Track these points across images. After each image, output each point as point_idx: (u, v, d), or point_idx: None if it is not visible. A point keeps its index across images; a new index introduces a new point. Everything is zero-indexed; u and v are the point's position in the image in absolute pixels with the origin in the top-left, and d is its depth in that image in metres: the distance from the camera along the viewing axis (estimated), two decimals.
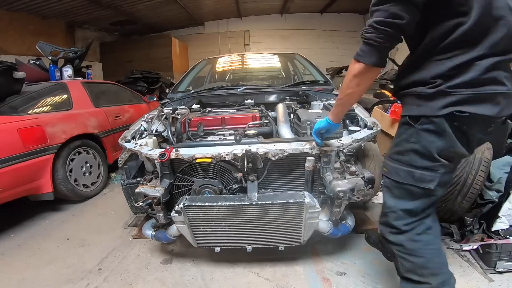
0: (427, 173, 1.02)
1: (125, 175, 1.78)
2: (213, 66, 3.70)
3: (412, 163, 1.04)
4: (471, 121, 0.95)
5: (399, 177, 1.07)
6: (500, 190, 1.75)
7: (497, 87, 0.93)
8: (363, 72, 1.00)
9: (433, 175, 1.02)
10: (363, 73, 1.00)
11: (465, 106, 0.92)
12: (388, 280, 1.50)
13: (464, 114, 0.92)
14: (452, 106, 0.93)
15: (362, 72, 1.00)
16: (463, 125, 0.96)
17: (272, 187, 1.61)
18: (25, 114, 2.35)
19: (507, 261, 1.47)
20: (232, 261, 1.71)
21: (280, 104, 2.03)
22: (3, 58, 4.22)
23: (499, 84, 0.93)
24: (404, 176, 1.06)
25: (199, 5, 7.30)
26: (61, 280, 1.65)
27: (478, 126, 0.98)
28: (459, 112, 0.92)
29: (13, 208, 2.47)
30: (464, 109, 0.92)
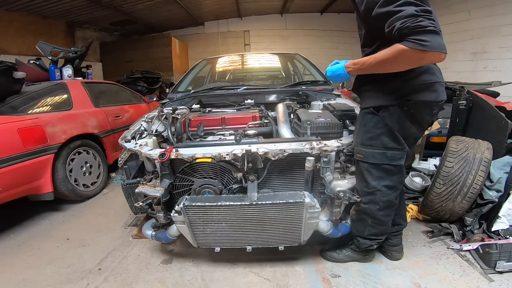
0: (396, 152, 1.29)
1: (125, 175, 1.78)
2: (213, 66, 3.70)
3: (384, 145, 1.29)
4: (417, 106, 1.22)
5: (375, 159, 1.31)
6: (500, 190, 1.75)
7: (431, 77, 1.20)
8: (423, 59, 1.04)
9: (401, 153, 1.30)
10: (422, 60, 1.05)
11: (411, 95, 1.20)
12: (388, 280, 1.50)
13: (410, 101, 1.20)
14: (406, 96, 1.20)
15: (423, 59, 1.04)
16: (411, 110, 1.22)
17: (272, 187, 1.61)
18: (25, 114, 2.35)
19: (507, 261, 1.47)
20: (232, 261, 1.70)
21: (280, 104, 2.03)
22: (3, 58, 4.22)
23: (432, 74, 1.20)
24: (379, 157, 1.30)
25: (199, 5, 7.29)
26: (61, 280, 1.65)
27: (423, 109, 1.25)
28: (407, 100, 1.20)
29: (13, 208, 2.47)
30: (410, 97, 1.20)
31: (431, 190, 1.78)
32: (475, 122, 2.26)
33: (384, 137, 1.28)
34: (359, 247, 1.58)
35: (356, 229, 1.55)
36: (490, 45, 4.57)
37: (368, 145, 1.33)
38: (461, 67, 4.97)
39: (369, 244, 1.54)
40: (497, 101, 2.48)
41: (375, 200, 1.40)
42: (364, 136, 1.34)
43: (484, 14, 4.62)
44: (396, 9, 1.00)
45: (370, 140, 1.32)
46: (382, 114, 1.26)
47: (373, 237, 1.52)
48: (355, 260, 1.64)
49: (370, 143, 1.32)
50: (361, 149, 1.35)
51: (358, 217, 1.52)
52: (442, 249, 1.73)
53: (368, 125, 1.31)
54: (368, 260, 1.64)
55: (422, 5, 1.00)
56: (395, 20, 1.00)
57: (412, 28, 0.97)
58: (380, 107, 1.26)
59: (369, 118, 1.31)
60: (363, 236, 1.53)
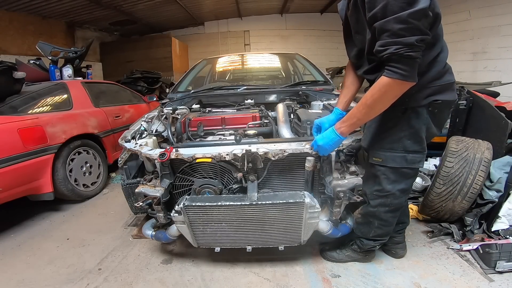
0: (417, 156, 1.26)
1: (125, 175, 1.78)
2: (213, 66, 3.70)
3: (405, 149, 1.24)
4: (442, 106, 1.21)
5: (395, 163, 1.27)
6: (500, 190, 1.75)
7: (451, 77, 1.20)
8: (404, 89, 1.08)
9: (421, 156, 1.27)
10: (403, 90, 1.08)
11: (438, 95, 1.18)
12: (388, 280, 1.50)
13: (438, 102, 1.19)
14: (431, 96, 1.17)
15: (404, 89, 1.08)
16: (435, 110, 1.21)
17: (272, 187, 1.61)
18: (25, 114, 2.35)
19: (507, 261, 1.47)
20: (232, 261, 1.70)
21: (280, 104, 2.03)
22: (3, 58, 4.22)
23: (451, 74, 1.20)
24: (400, 161, 1.26)
25: (199, 5, 7.30)
26: (61, 280, 1.65)
27: (445, 109, 1.26)
28: (435, 100, 1.18)
29: (13, 208, 2.47)
30: (438, 98, 1.18)
31: (431, 190, 1.78)
32: (475, 122, 2.26)
33: (406, 140, 1.23)
34: (362, 248, 1.58)
35: (361, 231, 1.54)
36: (490, 45, 4.57)
37: (388, 149, 1.26)
38: (461, 67, 4.97)
39: (373, 245, 1.55)
40: (497, 101, 2.48)
41: (386, 203, 1.38)
42: (385, 139, 1.27)
43: (484, 14, 4.63)
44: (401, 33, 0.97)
45: (391, 143, 1.26)
46: (408, 116, 1.21)
47: (378, 238, 1.52)
48: (355, 260, 1.64)
49: (391, 146, 1.26)
50: (380, 152, 1.29)
51: (364, 220, 1.51)
52: (442, 249, 1.73)
53: (391, 127, 1.25)
54: (368, 260, 1.64)
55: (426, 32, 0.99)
56: (392, 44, 0.99)
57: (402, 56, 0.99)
58: (407, 108, 1.20)
59: (393, 120, 1.24)
60: (368, 237, 1.53)
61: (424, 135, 1.24)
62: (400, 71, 1.01)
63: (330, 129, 1.29)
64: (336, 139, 1.27)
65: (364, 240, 1.55)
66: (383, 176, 1.32)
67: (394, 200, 1.37)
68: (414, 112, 1.20)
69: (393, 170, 1.29)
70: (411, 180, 1.36)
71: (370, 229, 1.50)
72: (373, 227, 1.48)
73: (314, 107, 2.05)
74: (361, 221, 1.53)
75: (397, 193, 1.34)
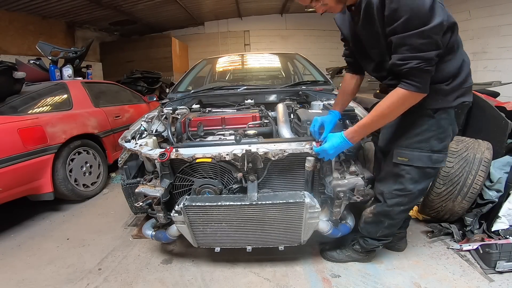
0: (440, 155, 1.28)
1: (125, 175, 1.78)
2: (213, 66, 3.70)
3: (431, 148, 1.26)
4: (465, 107, 1.27)
5: (422, 162, 1.27)
6: (500, 190, 1.75)
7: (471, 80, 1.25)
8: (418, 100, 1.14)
9: (444, 155, 1.30)
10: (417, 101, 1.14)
11: (465, 97, 1.22)
12: (388, 280, 1.50)
13: (466, 103, 1.23)
14: (460, 98, 1.21)
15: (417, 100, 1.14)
16: (459, 111, 1.26)
17: (272, 187, 1.60)
18: (25, 114, 2.35)
19: (507, 261, 1.47)
20: (232, 261, 1.70)
21: (280, 104, 2.03)
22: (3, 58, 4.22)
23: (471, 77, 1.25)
24: (426, 160, 1.27)
25: (199, 5, 7.30)
26: (61, 280, 1.65)
27: (465, 110, 1.30)
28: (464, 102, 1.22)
29: (13, 208, 2.47)
30: (465, 99, 1.22)
31: (431, 190, 1.78)
32: (475, 122, 2.26)
33: (433, 140, 1.25)
34: (364, 247, 1.58)
35: (367, 231, 1.53)
36: (490, 45, 4.57)
37: (416, 148, 1.27)
38: None
39: (377, 245, 1.55)
40: (497, 101, 2.47)
41: (403, 202, 1.37)
42: (414, 138, 1.27)
43: (484, 14, 4.63)
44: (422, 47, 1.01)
45: (419, 143, 1.26)
46: (438, 117, 1.22)
47: (383, 238, 1.53)
48: (355, 260, 1.64)
49: (419, 146, 1.26)
50: (406, 152, 1.29)
51: (374, 219, 1.48)
52: (442, 249, 1.73)
53: (422, 127, 1.25)
54: (368, 260, 1.64)
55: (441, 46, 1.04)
56: (413, 58, 1.03)
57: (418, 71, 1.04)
58: (438, 109, 1.22)
59: (424, 121, 1.24)
60: (374, 237, 1.53)
61: (450, 135, 1.28)
62: (418, 84, 1.07)
63: (339, 135, 1.30)
64: (345, 145, 1.30)
65: (368, 240, 1.55)
66: (408, 176, 1.31)
67: (411, 200, 1.38)
68: (445, 113, 1.22)
69: (418, 169, 1.29)
70: (430, 180, 1.41)
71: (378, 228, 1.49)
72: (381, 227, 1.48)
73: (314, 107, 2.05)
74: (371, 220, 1.50)
75: (416, 192, 1.35)
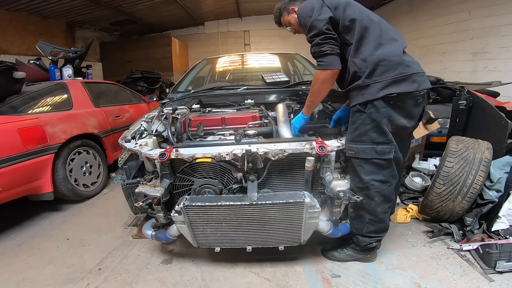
0: (385, 147, 1.36)
1: (125, 175, 1.78)
2: (213, 66, 3.70)
3: (373, 140, 1.36)
4: (401, 98, 1.32)
5: (366, 154, 1.38)
6: (500, 190, 1.75)
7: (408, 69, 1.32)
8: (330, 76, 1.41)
9: (389, 147, 1.37)
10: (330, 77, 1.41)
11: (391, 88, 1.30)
12: (388, 280, 1.50)
13: (393, 94, 1.30)
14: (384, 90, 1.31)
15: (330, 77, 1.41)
16: (397, 102, 1.32)
17: (272, 187, 1.61)
18: (25, 114, 2.35)
19: (507, 261, 1.47)
20: (232, 261, 1.70)
21: (280, 104, 2.03)
22: (3, 58, 4.22)
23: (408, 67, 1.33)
24: (370, 152, 1.38)
25: (199, 5, 7.29)
26: (61, 280, 1.65)
27: (408, 100, 1.34)
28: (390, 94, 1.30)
29: (13, 208, 2.47)
30: (392, 91, 1.30)
31: (431, 190, 1.78)
32: (475, 122, 2.26)
33: (372, 133, 1.36)
34: (358, 245, 1.59)
35: (355, 227, 1.57)
36: (490, 45, 4.56)
37: (358, 141, 1.40)
38: (461, 67, 4.96)
39: (368, 241, 1.56)
40: (497, 101, 2.48)
41: (370, 194, 1.45)
42: (354, 133, 1.41)
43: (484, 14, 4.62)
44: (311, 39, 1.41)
45: (359, 136, 1.40)
46: (368, 111, 1.35)
47: (372, 235, 1.55)
48: (356, 259, 1.64)
49: (360, 139, 1.39)
50: (352, 145, 1.42)
51: (356, 214, 1.55)
52: (442, 249, 1.73)
53: (357, 122, 1.40)
54: (369, 260, 1.64)
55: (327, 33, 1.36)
56: (311, 47, 1.42)
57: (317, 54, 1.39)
58: (366, 103, 1.35)
59: (357, 116, 1.40)
60: (362, 234, 1.55)
61: (387, 127, 1.35)
62: (321, 63, 1.39)
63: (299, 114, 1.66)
64: (301, 118, 1.63)
65: (359, 237, 1.57)
66: (359, 168, 1.43)
67: (375, 191, 1.44)
68: (373, 107, 1.34)
69: (366, 161, 1.40)
70: (389, 171, 1.43)
71: (362, 224, 1.53)
72: (365, 222, 1.51)
73: None
74: (353, 215, 1.56)
75: (376, 184, 1.42)
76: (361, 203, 1.47)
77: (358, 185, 1.46)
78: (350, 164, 1.48)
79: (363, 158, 1.40)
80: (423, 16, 5.81)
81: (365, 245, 1.57)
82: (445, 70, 5.02)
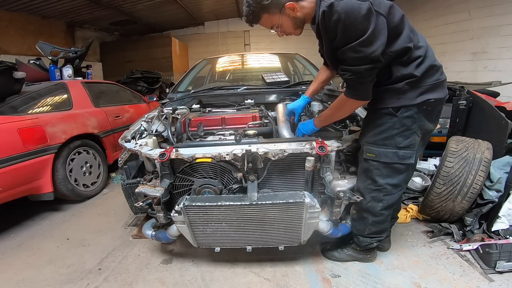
0: (407, 151, 1.33)
1: (125, 175, 1.78)
2: (213, 66, 3.70)
3: (397, 145, 1.32)
4: (434, 104, 1.28)
5: (387, 158, 1.34)
6: (500, 190, 1.75)
7: (442, 76, 1.30)
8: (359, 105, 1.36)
9: (411, 152, 1.34)
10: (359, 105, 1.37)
11: (430, 94, 1.26)
12: (388, 280, 1.50)
13: (431, 100, 1.26)
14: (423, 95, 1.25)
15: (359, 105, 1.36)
16: (428, 108, 1.28)
17: (272, 187, 1.61)
18: (25, 114, 2.35)
19: (507, 261, 1.47)
20: (232, 261, 1.70)
21: (280, 104, 2.03)
22: (3, 58, 4.22)
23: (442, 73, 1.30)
24: (391, 156, 1.33)
25: (199, 5, 7.29)
26: (61, 280, 1.65)
27: (437, 106, 1.32)
28: (428, 100, 1.26)
29: (13, 208, 2.47)
30: (431, 97, 1.26)
31: (431, 190, 1.78)
32: (475, 122, 2.26)
33: (398, 137, 1.31)
34: (359, 245, 1.59)
35: (356, 228, 1.56)
36: (490, 45, 4.57)
37: (381, 145, 1.34)
38: (461, 67, 4.96)
39: (369, 242, 1.55)
40: (497, 101, 2.48)
41: (379, 198, 1.41)
42: (379, 136, 1.34)
43: (484, 14, 4.62)
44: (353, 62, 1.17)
45: (384, 140, 1.33)
46: (401, 115, 1.28)
47: (373, 236, 1.54)
48: (356, 259, 1.64)
49: (384, 142, 1.33)
50: (373, 148, 1.36)
51: (358, 216, 1.53)
52: (442, 249, 1.73)
53: (385, 125, 1.32)
54: (370, 260, 1.64)
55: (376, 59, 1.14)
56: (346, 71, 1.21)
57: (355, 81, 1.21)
58: (400, 107, 1.27)
59: (387, 119, 1.31)
60: (363, 235, 1.54)
61: (417, 133, 1.31)
62: (353, 92, 1.27)
63: (310, 121, 1.57)
64: (311, 129, 1.56)
65: (360, 238, 1.56)
66: (376, 171, 1.38)
67: (386, 195, 1.41)
68: (407, 111, 1.28)
69: (385, 165, 1.36)
70: (403, 176, 1.39)
71: (364, 226, 1.51)
72: (367, 224, 1.49)
73: (314, 107, 2.05)
74: (356, 217, 1.54)
75: (388, 187, 1.39)
76: (366, 206, 1.45)
77: (369, 187, 1.42)
78: (364, 165, 1.42)
79: (383, 162, 1.35)
80: (423, 16, 5.81)
81: (366, 246, 1.57)
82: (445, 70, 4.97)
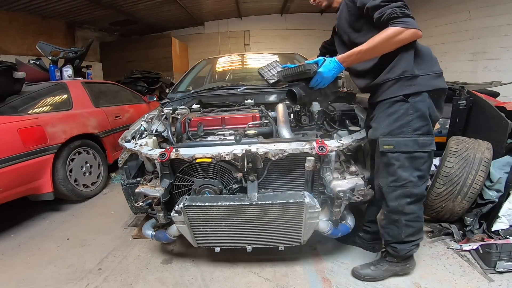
0: (427, 138, 1.29)
1: (125, 175, 1.78)
2: (213, 66, 3.70)
3: (415, 131, 1.27)
4: (440, 92, 1.32)
5: (408, 147, 1.28)
6: (500, 190, 1.75)
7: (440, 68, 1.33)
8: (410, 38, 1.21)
9: (431, 138, 1.30)
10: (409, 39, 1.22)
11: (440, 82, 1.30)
12: (388, 280, 1.50)
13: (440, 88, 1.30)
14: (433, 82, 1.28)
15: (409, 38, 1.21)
16: (435, 95, 1.30)
17: (272, 187, 1.61)
18: (25, 114, 2.35)
19: (507, 261, 1.47)
20: (232, 261, 1.71)
21: (280, 104, 2.03)
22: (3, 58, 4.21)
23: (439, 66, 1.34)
24: (412, 145, 1.27)
25: (199, 5, 7.29)
26: (61, 280, 1.65)
27: (442, 95, 1.35)
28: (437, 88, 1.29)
29: (13, 208, 2.47)
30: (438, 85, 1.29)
31: (431, 190, 1.78)
32: (475, 122, 2.26)
33: (414, 123, 1.27)
34: (397, 255, 1.44)
35: (390, 235, 1.41)
36: (490, 45, 4.57)
37: (398, 133, 1.28)
38: (461, 67, 4.96)
39: (408, 248, 1.41)
40: (497, 101, 2.47)
41: (406, 193, 1.31)
42: (394, 124, 1.29)
43: (484, 14, 4.62)
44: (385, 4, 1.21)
45: (401, 128, 1.28)
46: (412, 100, 1.27)
47: (412, 239, 1.39)
48: (395, 273, 1.50)
49: (401, 130, 1.28)
50: (390, 139, 1.29)
51: (388, 220, 1.39)
52: (442, 249, 1.73)
53: (398, 112, 1.28)
54: (409, 269, 1.51)
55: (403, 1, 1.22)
56: (386, 8, 1.20)
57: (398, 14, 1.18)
58: (410, 94, 1.27)
59: (399, 105, 1.28)
60: (400, 240, 1.39)
61: (429, 119, 1.29)
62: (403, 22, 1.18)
63: (333, 60, 1.33)
64: (338, 68, 1.33)
65: (397, 246, 1.41)
66: (398, 163, 1.29)
67: (413, 188, 1.31)
68: (419, 96, 1.27)
69: (406, 155, 1.28)
70: (426, 165, 1.32)
71: (399, 229, 1.37)
72: (401, 225, 1.36)
73: (314, 107, 2.05)
74: (386, 222, 1.41)
75: (414, 180, 1.30)
76: (394, 206, 1.34)
77: (393, 184, 1.32)
78: (383, 160, 1.33)
79: (404, 152, 1.27)
80: (423, 16, 5.81)
81: (405, 253, 1.42)
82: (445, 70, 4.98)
